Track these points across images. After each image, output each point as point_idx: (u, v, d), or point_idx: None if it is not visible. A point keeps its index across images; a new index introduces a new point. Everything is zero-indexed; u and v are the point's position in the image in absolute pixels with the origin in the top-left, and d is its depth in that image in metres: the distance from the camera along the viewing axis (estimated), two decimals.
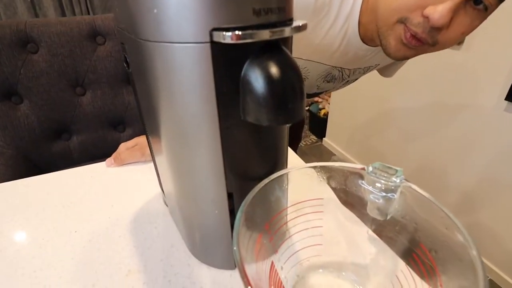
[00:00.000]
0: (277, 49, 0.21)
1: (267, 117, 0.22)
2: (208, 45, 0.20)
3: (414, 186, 0.27)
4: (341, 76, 0.69)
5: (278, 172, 0.28)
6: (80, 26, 0.69)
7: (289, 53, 0.22)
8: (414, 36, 0.44)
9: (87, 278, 0.32)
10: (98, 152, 0.80)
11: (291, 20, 0.23)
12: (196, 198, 0.28)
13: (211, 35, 0.19)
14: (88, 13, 2.18)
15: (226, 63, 0.21)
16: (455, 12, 0.41)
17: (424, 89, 1.34)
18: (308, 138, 2.42)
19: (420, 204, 0.26)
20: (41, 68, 0.68)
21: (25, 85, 0.68)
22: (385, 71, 0.78)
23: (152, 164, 0.55)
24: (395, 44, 0.47)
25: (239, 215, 0.23)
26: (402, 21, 0.45)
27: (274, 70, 0.21)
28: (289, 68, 0.22)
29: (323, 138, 2.28)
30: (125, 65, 0.33)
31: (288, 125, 0.26)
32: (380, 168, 0.29)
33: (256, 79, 0.21)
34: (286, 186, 0.29)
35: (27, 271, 0.33)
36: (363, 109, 1.76)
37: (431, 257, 0.24)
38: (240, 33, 0.19)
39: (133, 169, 0.54)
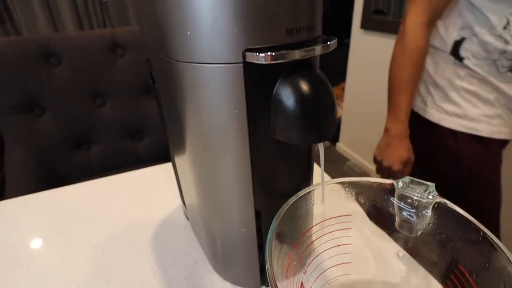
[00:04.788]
0: (308, 67, 0.21)
1: (299, 136, 0.21)
2: (241, 65, 0.20)
3: (448, 203, 0.26)
4: None
5: (306, 189, 0.28)
6: (101, 40, 0.71)
7: (319, 70, 0.22)
8: None
9: None
10: (117, 161, 0.82)
11: (319, 36, 0.23)
12: (223, 216, 0.28)
13: (244, 56, 0.19)
14: (104, 23, 2.24)
15: (258, 83, 0.21)
16: None
17: None
18: None
19: (456, 222, 0.25)
20: (63, 81, 0.70)
21: (48, 97, 0.70)
22: None
23: (170, 175, 0.56)
24: None
25: (270, 234, 0.23)
26: None
27: (305, 88, 0.20)
28: (321, 86, 0.21)
29: (336, 143, 2.25)
30: (150, 81, 0.33)
31: None
32: (410, 183, 0.28)
33: (288, 98, 0.21)
34: (314, 203, 0.29)
35: None
36: (377, 112, 1.73)
37: (472, 280, 0.23)
38: (273, 53, 0.18)
39: (152, 180, 0.55)
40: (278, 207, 0.26)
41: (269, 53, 0.18)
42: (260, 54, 0.18)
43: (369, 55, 1.67)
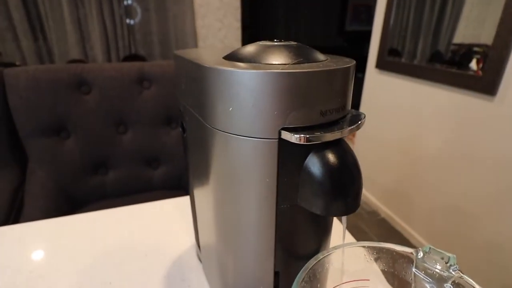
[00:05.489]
0: (337, 145, 0.22)
1: (324, 208, 0.22)
2: (276, 141, 0.21)
3: (469, 280, 0.26)
4: None
5: (325, 252, 0.28)
6: (130, 72, 0.75)
7: (348, 146, 0.23)
8: None
9: None
10: (131, 187, 0.83)
11: (349, 112, 0.24)
12: (242, 273, 0.28)
13: (279, 133, 0.21)
14: (130, 47, 2.37)
15: (290, 156, 0.22)
16: None
17: (454, 137, 1.30)
18: None
19: None
20: (91, 108, 0.74)
21: (74, 122, 0.74)
22: None
23: (185, 210, 0.56)
24: None
25: None
26: None
27: (334, 166, 0.21)
28: (350, 163, 0.22)
29: None
30: (180, 129, 0.35)
31: None
32: (431, 253, 0.28)
33: (317, 172, 0.22)
34: (333, 266, 0.29)
35: None
36: (388, 151, 1.73)
37: None
38: (307, 136, 0.20)
39: (167, 215, 0.55)
40: (296, 267, 0.26)
41: (303, 135, 0.20)
42: (295, 135, 0.20)
43: (383, 94, 1.69)
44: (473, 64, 1.18)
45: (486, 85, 1.11)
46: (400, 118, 1.59)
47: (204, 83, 0.22)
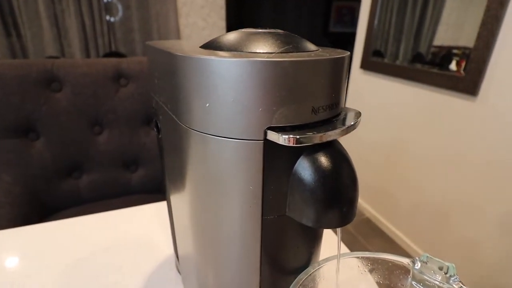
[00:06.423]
0: (331, 146, 0.20)
1: (316, 219, 0.20)
2: (261, 142, 0.18)
3: None
4: None
5: (316, 265, 0.25)
6: (106, 68, 0.70)
7: (343, 149, 0.20)
8: None
9: None
10: (107, 191, 0.78)
11: (341, 111, 0.22)
12: None
13: (265, 133, 0.18)
14: (110, 45, 2.28)
15: (278, 160, 0.19)
16: None
17: (436, 137, 1.32)
18: None
19: None
20: (62, 107, 0.68)
21: (44, 122, 0.68)
22: None
23: (164, 216, 0.53)
24: None
25: None
26: None
27: (329, 172, 0.19)
28: (345, 168, 0.19)
29: None
30: (155, 129, 0.32)
31: None
32: (428, 263, 0.26)
33: (308, 179, 0.19)
34: (324, 279, 0.26)
35: None
36: (375, 152, 1.74)
37: None
38: (297, 137, 0.17)
39: (144, 221, 0.51)
40: (284, 283, 0.24)
41: (292, 136, 0.17)
42: (283, 136, 0.17)
43: (367, 94, 1.70)
44: (453, 66, 1.20)
45: (468, 86, 1.12)
46: (384, 117, 1.60)
47: (177, 75, 0.19)
